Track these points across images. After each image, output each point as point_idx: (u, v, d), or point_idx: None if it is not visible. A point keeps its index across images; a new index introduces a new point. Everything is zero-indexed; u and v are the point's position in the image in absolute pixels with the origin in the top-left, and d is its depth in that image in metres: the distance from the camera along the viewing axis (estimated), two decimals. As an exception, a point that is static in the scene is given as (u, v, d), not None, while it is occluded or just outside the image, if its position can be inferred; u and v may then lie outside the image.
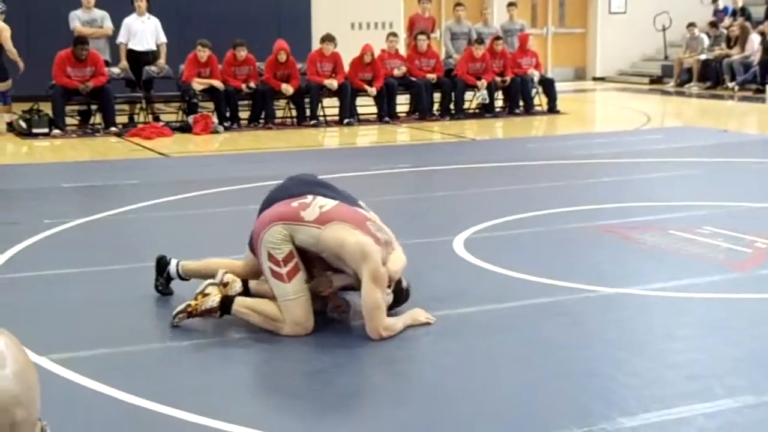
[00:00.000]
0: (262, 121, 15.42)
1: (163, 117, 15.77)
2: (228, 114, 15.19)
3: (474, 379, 4.51)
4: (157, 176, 10.69)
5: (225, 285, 5.26)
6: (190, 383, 4.53)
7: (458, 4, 18.17)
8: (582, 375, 4.55)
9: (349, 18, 20.37)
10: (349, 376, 4.63)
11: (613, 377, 4.50)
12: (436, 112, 16.54)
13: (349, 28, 20.06)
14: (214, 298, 5.16)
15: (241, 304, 5.17)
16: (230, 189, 9.62)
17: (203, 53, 14.94)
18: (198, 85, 14.93)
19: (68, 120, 14.89)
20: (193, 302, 5.18)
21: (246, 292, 5.32)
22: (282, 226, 5.06)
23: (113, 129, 14.48)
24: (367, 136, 14.95)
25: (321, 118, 15.70)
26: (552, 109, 17.08)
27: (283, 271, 5.03)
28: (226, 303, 5.17)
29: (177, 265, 5.83)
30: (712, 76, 21.24)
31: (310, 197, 5.21)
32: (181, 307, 5.20)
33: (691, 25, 21.81)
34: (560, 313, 5.52)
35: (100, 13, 15.41)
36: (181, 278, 5.82)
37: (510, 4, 18.75)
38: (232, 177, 10.25)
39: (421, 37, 16.49)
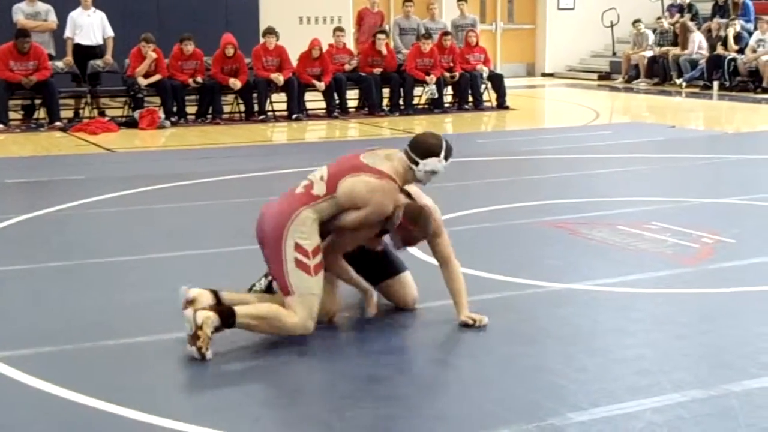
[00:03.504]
0: (209, 116, 15.31)
1: (108, 112, 15.60)
2: (175, 109, 15.06)
3: (422, 375, 4.50)
4: (103, 172, 10.55)
5: (191, 302, 4.88)
6: (135, 381, 4.46)
7: (408, 0, 18.15)
8: (531, 370, 4.54)
9: (298, 12, 20.29)
10: (292, 374, 4.59)
11: (561, 373, 4.48)
12: (385, 108, 16.52)
13: (297, 22, 19.99)
14: (212, 321, 4.71)
15: (243, 315, 4.83)
16: (177, 185, 9.52)
17: (147, 49, 14.77)
18: (143, 79, 14.78)
19: (11, 114, 14.70)
20: (199, 342, 4.68)
21: (218, 301, 4.97)
22: (309, 210, 4.97)
23: (58, 124, 14.30)
24: (315, 131, 14.88)
25: (269, 113, 15.63)
26: (501, 104, 17.10)
27: (311, 263, 4.89)
28: (226, 316, 4.78)
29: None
30: (659, 73, 21.43)
31: (306, 180, 5.17)
32: (196, 354, 4.68)
33: (637, 21, 22.00)
34: (509, 308, 5.51)
35: (44, 7, 15.23)
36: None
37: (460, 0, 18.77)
38: (179, 173, 10.15)
39: (381, 36, 16.41)
